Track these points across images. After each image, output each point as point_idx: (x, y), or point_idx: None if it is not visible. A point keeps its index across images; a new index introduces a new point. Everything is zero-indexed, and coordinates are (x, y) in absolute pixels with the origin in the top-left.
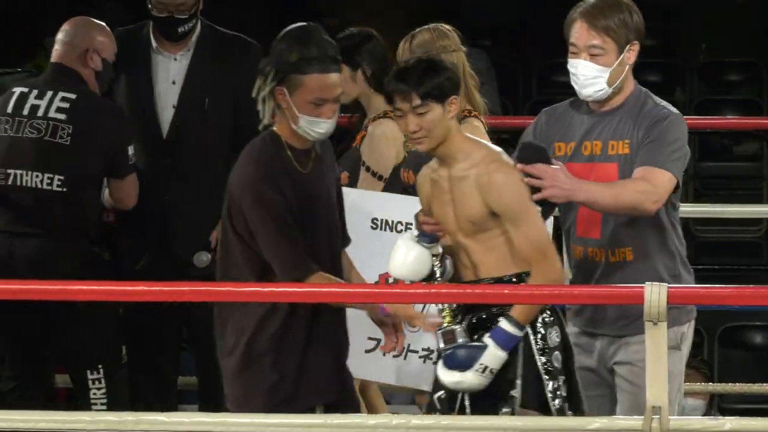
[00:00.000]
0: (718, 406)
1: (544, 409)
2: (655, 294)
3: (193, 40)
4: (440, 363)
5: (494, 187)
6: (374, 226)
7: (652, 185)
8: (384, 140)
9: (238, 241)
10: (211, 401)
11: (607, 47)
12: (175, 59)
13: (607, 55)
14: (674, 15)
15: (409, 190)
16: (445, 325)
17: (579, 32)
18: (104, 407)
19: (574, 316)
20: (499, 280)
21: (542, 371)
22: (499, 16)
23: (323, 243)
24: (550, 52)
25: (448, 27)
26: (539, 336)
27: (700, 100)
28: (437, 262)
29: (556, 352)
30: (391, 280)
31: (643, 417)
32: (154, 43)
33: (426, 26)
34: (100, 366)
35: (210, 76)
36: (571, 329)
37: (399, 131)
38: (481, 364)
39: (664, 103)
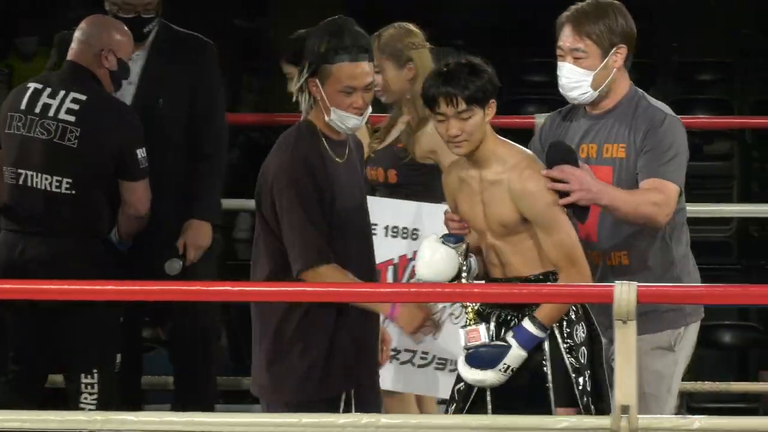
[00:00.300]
0: (687, 405)
1: (575, 407)
2: (624, 293)
3: (149, 39)
4: (462, 359)
5: (527, 195)
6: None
7: (665, 198)
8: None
9: (262, 229)
10: (186, 401)
11: (590, 51)
12: (131, 59)
13: (590, 59)
14: (647, 15)
15: (378, 188)
16: (470, 323)
17: (565, 36)
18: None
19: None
20: (525, 280)
21: (570, 369)
22: (472, 17)
23: (354, 234)
24: (525, 51)
25: (411, 25)
26: (566, 335)
27: (672, 99)
28: (463, 262)
29: (582, 348)
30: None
31: (611, 415)
32: None
33: (391, 24)
34: (95, 371)
35: (165, 75)
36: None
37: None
38: (505, 364)
39: (659, 104)
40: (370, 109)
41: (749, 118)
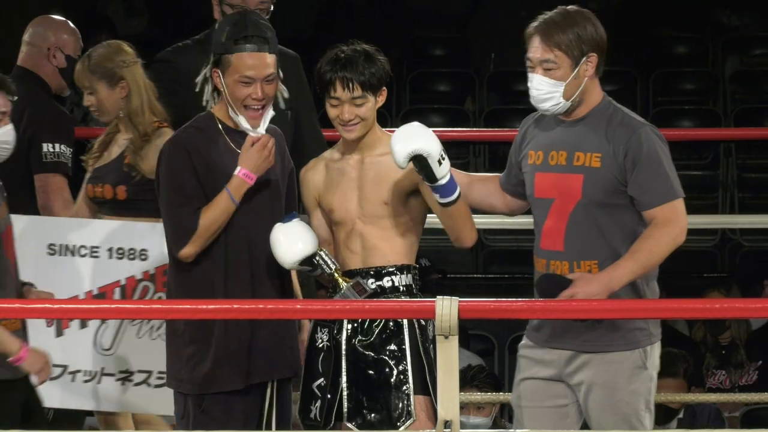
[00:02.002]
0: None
1: (429, 395)
2: (446, 308)
3: None
4: None
5: None
6: (52, 251)
7: (675, 221)
8: None
9: None
10: None
11: (559, 61)
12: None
13: (560, 69)
14: (465, 25)
15: (104, 205)
16: (346, 284)
17: (534, 47)
18: None
19: (533, 331)
20: (383, 269)
21: (425, 360)
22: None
23: (257, 224)
24: None
25: (124, 43)
26: (420, 330)
27: (489, 109)
28: (323, 258)
29: (432, 345)
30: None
31: (434, 430)
32: None
33: (100, 43)
34: None
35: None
36: (526, 343)
37: None
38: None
39: (633, 114)
40: (271, 111)
41: None
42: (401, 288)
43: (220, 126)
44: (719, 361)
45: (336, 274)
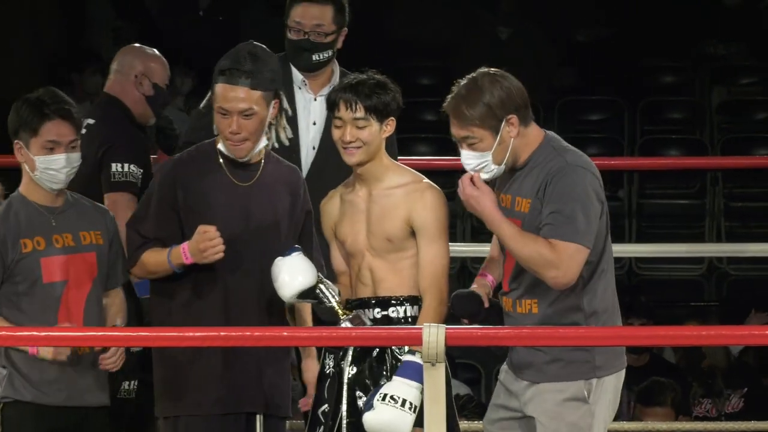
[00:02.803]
0: None
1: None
2: (433, 335)
3: (333, 80)
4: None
5: (425, 201)
6: None
7: (556, 258)
8: None
9: None
10: None
11: (479, 135)
12: (315, 99)
13: (483, 141)
14: (450, 54)
15: None
16: (345, 314)
17: (453, 127)
18: None
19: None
20: (392, 299)
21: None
22: None
23: (241, 257)
24: None
25: None
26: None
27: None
28: (323, 291)
29: None
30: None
31: None
32: (299, 78)
33: None
34: None
35: None
36: (504, 366)
37: None
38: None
39: (565, 152)
40: (265, 141)
41: None
42: (409, 319)
43: (219, 155)
44: (705, 390)
45: (336, 307)
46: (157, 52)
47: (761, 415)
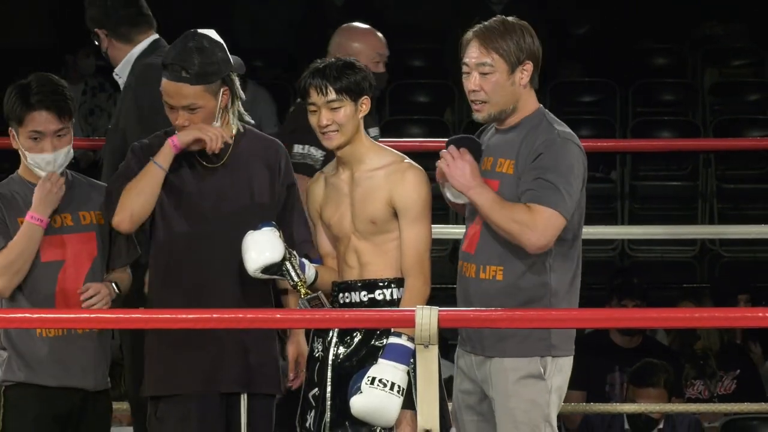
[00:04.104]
0: None
1: (413, 409)
2: (426, 317)
3: None
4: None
5: (405, 182)
6: None
7: (532, 221)
8: None
9: None
10: None
11: (497, 65)
12: None
13: (497, 73)
14: (443, 36)
15: None
16: (306, 294)
17: (471, 51)
18: None
19: (460, 338)
20: (378, 282)
21: (410, 376)
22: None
23: (213, 233)
24: None
25: None
26: None
27: (468, 120)
28: (288, 269)
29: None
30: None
31: None
32: None
33: None
34: None
35: None
36: (458, 351)
37: None
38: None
39: (558, 124)
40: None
41: None
42: (396, 301)
43: None
44: (697, 372)
45: (299, 286)
46: (373, 32)
47: (754, 396)
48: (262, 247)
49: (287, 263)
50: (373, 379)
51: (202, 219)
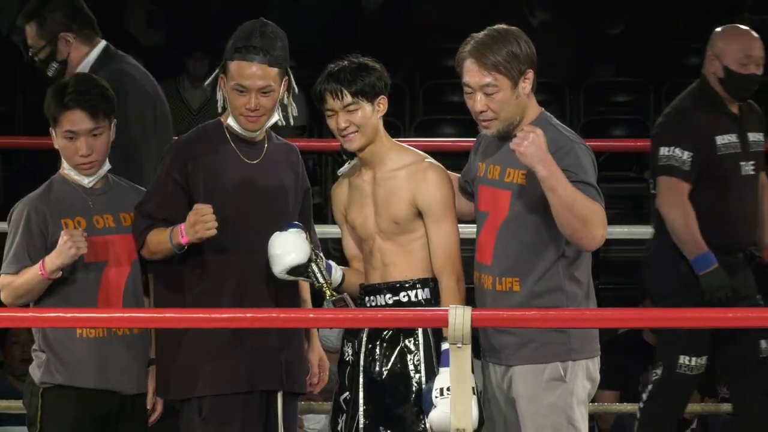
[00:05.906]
0: None
1: None
2: (459, 317)
3: None
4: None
5: (427, 181)
6: None
7: (600, 213)
8: None
9: None
10: None
11: (500, 84)
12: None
13: (501, 91)
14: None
15: None
16: (331, 296)
17: (470, 71)
18: None
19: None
20: (403, 284)
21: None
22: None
23: (255, 233)
24: None
25: None
26: (436, 344)
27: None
28: (314, 271)
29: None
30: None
31: None
32: None
33: None
34: None
35: None
36: (481, 363)
37: None
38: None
39: (565, 130)
40: (275, 117)
41: None
42: (422, 302)
43: (226, 132)
44: None
45: (324, 287)
46: (747, 32)
47: None
48: (288, 248)
49: (313, 265)
50: (441, 389)
51: (243, 214)
